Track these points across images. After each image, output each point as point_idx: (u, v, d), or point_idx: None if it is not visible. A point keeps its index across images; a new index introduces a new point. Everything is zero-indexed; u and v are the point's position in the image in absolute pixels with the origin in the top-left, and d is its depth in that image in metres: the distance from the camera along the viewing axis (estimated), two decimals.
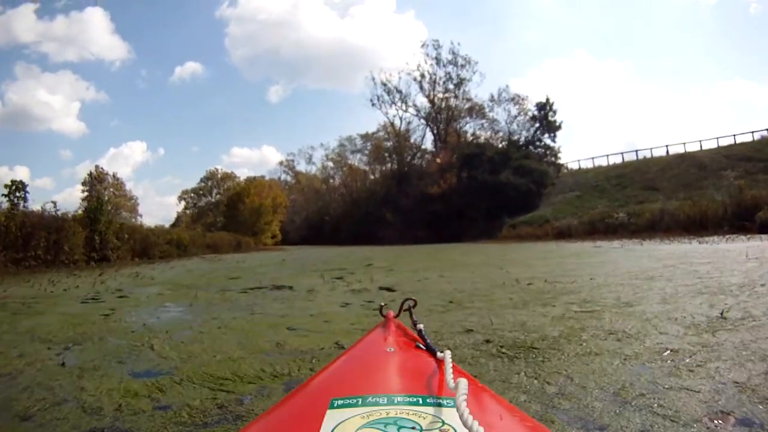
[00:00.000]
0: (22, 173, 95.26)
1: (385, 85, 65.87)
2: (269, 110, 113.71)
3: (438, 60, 62.58)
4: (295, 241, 72.00)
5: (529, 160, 52.86)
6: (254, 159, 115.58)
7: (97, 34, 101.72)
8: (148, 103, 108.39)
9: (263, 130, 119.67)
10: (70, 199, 67.60)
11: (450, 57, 61.91)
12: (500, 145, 57.29)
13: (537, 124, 60.50)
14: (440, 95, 62.81)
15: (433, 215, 52.25)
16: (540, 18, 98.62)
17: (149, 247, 25.27)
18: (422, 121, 65.15)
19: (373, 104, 67.41)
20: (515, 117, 61.55)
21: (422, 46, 65.04)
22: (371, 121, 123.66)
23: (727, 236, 20.70)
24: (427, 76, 63.15)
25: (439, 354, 1.11)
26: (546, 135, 60.22)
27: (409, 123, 66.40)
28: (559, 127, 60.78)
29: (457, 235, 47.23)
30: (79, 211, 22.29)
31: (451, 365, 0.99)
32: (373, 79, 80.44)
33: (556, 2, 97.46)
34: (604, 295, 5.63)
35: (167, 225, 54.84)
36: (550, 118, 60.29)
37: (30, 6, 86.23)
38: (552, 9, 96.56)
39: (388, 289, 7.30)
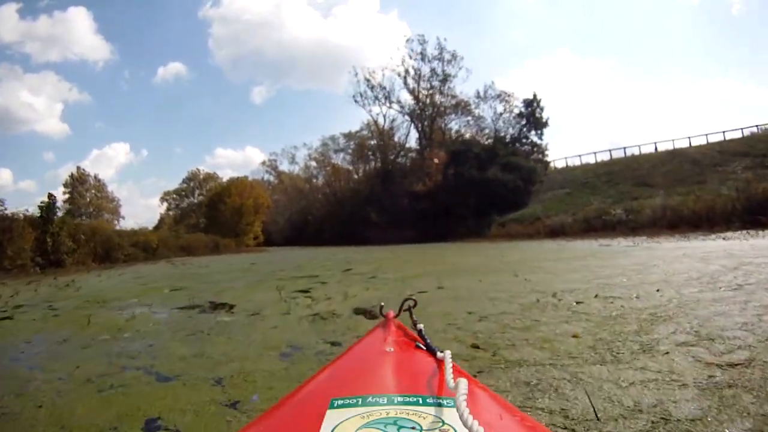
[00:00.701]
0: (4, 176, 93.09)
1: (368, 81, 63.00)
2: (253, 111, 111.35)
3: (423, 55, 60.01)
4: (278, 242, 69.84)
5: (516, 156, 50.80)
6: (238, 160, 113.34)
7: (81, 34, 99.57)
8: (132, 104, 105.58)
9: (247, 131, 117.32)
10: (58, 201, 56.84)
11: (436, 52, 59.42)
12: (486, 142, 55.21)
13: (524, 121, 58.25)
14: (425, 91, 60.46)
15: (420, 214, 49.98)
16: (523, 17, 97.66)
17: (113, 249, 22.59)
18: (406, 118, 62.72)
19: (356, 101, 64.35)
20: (501, 114, 59.32)
21: (407, 41, 61.71)
22: (356, 121, 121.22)
23: (746, 231, 18.55)
24: (412, 72, 60.56)
25: (439, 354, 1.09)
26: (533, 132, 58.04)
27: (393, 120, 64.00)
28: (546, 124, 58.50)
29: (444, 234, 44.97)
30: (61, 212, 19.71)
31: (451, 365, 0.98)
32: (356, 74, 77.88)
33: (539, 2, 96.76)
34: (722, 324, 3.53)
35: (151, 227, 53.15)
36: (537, 114, 57.96)
37: (13, 6, 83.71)
38: (534, 8, 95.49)
39: (367, 313, 5.15)
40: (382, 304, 1.77)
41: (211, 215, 60.74)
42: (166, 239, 31.36)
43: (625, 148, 51.38)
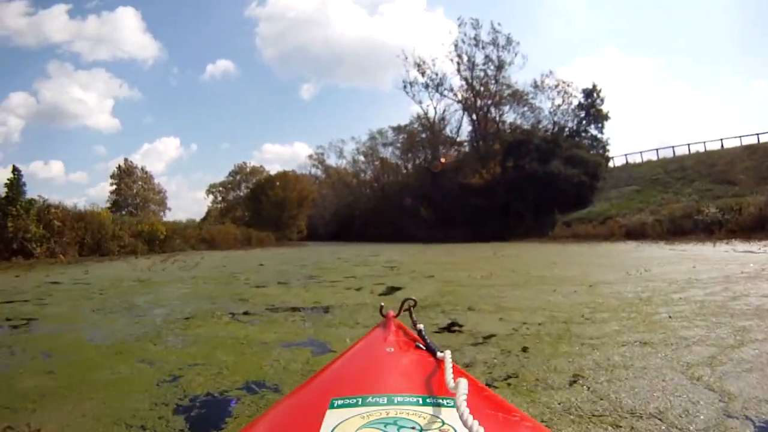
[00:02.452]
0: (56, 168, 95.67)
1: (419, 66, 57.28)
2: (301, 107, 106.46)
3: (477, 40, 54.03)
4: (323, 236, 66.96)
5: (580, 149, 44.98)
6: (286, 155, 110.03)
7: (129, 33, 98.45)
8: (181, 100, 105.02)
9: (295, 127, 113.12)
10: (103, 193, 63.55)
11: (490, 38, 53.51)
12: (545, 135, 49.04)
13: (582, 113, 52.33)
14: (479, 80, 54.62)
15: (473, 210, 44.55)
16: (570, 15, 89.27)
17: (105, 240, 19.36)
18: (458, 108, 57.24)
19: (405, 90, 59.12)
20: (559, 106, 53.37)
21: (460, 25, 55.51)
22: (404, 116, 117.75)
23: None
24: (465, 58, 54.67)
25: (439, 354, 1.09)
26: (592, 126, 52.04)
27: (444, 111, 58.48)
28: (606, 117, 52.44)
29: (499, 234, 39.64)
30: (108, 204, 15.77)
31: (451, 365, 0.97)
32: (406, 58, 71.43)
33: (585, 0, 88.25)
34: None
35: (198, 219, 53.23)
36: (597, 106, 52.08)
37: (63, 6, 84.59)
38: (581, 6, 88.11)
39: None
40: (382, 304, 1.72)
41: (253, 208, 57.24)
42: (181, 230, 27.34)
43: (689, 144, 45.12)
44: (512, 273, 8.91)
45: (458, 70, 55.26)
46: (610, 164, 49.24)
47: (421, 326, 1.36)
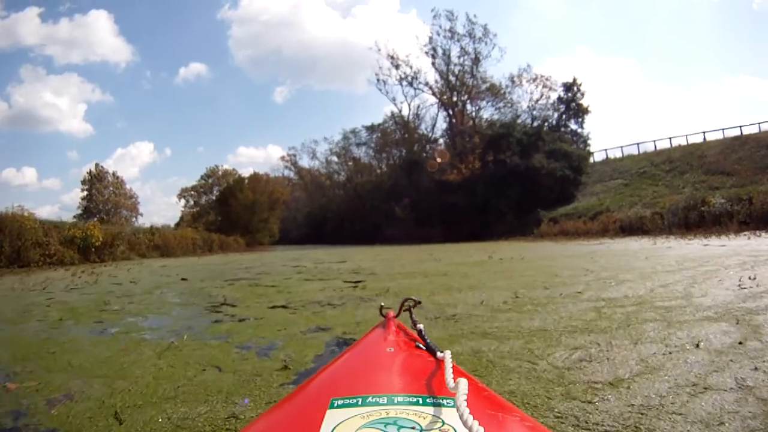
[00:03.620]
0: (29, 174, 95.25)
1: (392, 58, 53.73)
2: (275, 110, 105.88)
3: (452, 32, 50.47)
4: (296, 239, 64.26)
5: (563, 143, 41.59)
6: (260, 158, 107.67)
7: (102, 36, 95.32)
8: (154, 104, 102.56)
9: (269, 130, 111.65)
10: (77, 199, 60.24)
11: (466, 30, 50.13)
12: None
13: (563, 107, 49.36)
14: (455, 73, 51.02)
15: (451, 209, 41.06)
16: (542, 16, 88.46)
17: (26, 248, 16.30)
18: (433, 105, 53.79)
19: (378, 82, 55.20)
20: (537, 100, 50.27)
21: (434, 16, 51.98)
22: (377, 119, 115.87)
23: None
24: (440, 51, 51.13)
25: (439, 354, 1.06)
26: (572, 120, 49.14)
27: (418, 108, 54.82)
28: (587, 111, 49.80)
29: (477, 232, 36.69)
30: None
31: (451, 365, 0.95)
32: (379, 50, 67.96)
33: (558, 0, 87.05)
34: None
35: (173, 225, 50.10)
36: (577, 100, 49.32)
37: (35, 9, 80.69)
38: (553, 6, 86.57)
39: None
40: (382, 304, 1.70)
41: (222, 211, 53.40)
42: (129, 235, 23.34)
43: (671, 138, 43.08)
44: (558, 295, 5.02)
45: (433, 64, 51.93)
46: (590, 159, 46.25)
47: (421, 326, 1.29)
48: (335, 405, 0.78)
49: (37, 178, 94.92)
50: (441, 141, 53.76)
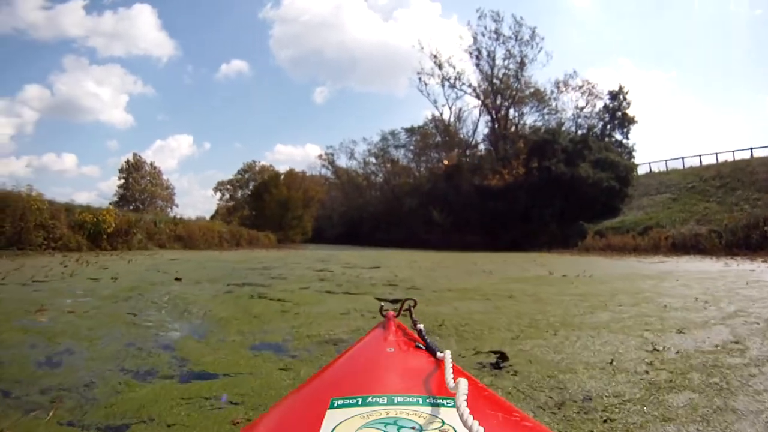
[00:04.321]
0: (69, 160, 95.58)
1: (435, 57, 51.99)
2: (314, 110, 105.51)
3: (498, 34, 48.52)
4: (330, 239, 62.95)
5: (609, 152, 39.64)
6: (297, 156, 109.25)
7: (145, 30, 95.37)
8: (195, 98, 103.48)
9: (308, 129, 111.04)
10: (114, 187, 61.17)
11: (512, 32, 48.21)
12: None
13: (607, 116, 47.51)
14: (499, 78, 49.20)
15: (491, 215, 39.41)
16: (582, 26, 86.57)
17: (27, 231, 15.73)
18: (475, 108, 52.11)
19: (420, 80, 53.64)
20: (582, 108, 48.37)
21: (479, 17, 50.19)
22: (417, 122, 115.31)
23: None
24: (485, 52, 49.28)
25: (439, 354, 1.06)
26: (617, 130, 47.22)
27: (459, 111, 53.30)
28: (633, 121, 47.66)
29: (517, 242, 34.99)
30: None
31: (451, 365, 0.95)
32: (422, 48, 67.26)
33: (598, 10, 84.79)
34: None
35: (208, 217, 51.23)
36: (623, 109, 47.24)
37: (79, 2, 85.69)
38: (595, 17, 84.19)
39: None
40: (382, 304, 1.69)
41: (256, 206, 52.82)
42: (147, 224, 22.45)
43: (717, 153, 40.63)
44: (718, 349, 3.71)
45: (477, 65, 50.14)
46: (636, 172, 43.96)
47: (420, 326, 1.30)
48: (335, 405, 0.77)
49: (77, 165, 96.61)
50: (482, 146, 52.44)
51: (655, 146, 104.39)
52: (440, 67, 51.46)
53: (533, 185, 37.53)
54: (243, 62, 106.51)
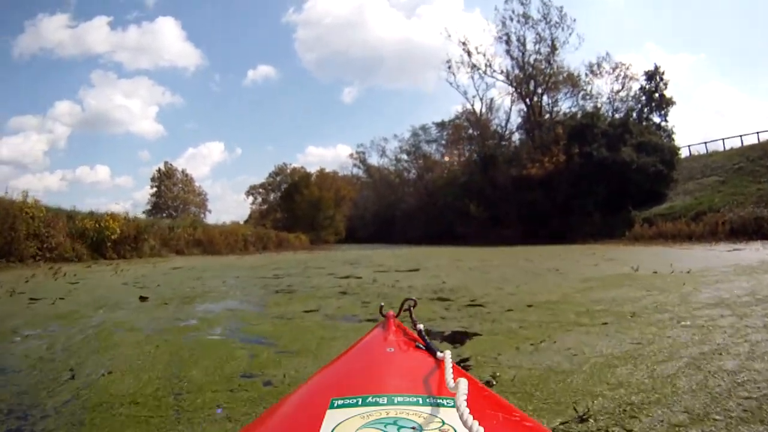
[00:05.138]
0: (102, 172, 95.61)
1: (464, 44, 49.50)
2: (343, 110, 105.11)
3: (526, 17, 46.13)
4: (363, 238, 61.70)
5: (652, 135, 37.44)
6: (329, 157, 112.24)
7: (169, 42, 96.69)
8: (224, 105, 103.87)
9: (338, 130, 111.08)
10: (148, 196, 61.29)
11: (540, 14, 45.73)
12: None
13: (644, 98, 44.97)
14: (531, 61, 46.78)
15: (529, 207, 37.55)
16: (606, 13, 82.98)
17: (17, 240, 14.68)
18: (506, 97, 49.75)
19: (449, 71, 50.73)
20: (618, 92, 45.96)
21: (506, 1, 48.05)
22: (448, 116, 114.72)
23: None
24: (514, 37, 46.91)
25: (439, 354, 1.05)
26: (655, 113, 44.47)
27: (491, 101, 51.21)
28: (671, 102, 44.71)
29: (558, 234, 33.02)
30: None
31: (451, 365, 0.94)
32: (449, 36, 65.12)
33: None
34: None
35: (242, 222, 49.74)
36: (661, 90, 44.45)
37: (104, 18, 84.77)
38: (618, 2, 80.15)
39: None
40: (382, 304, 1.66)
41: (287, 207, 52.06)
42: (160, 230, 21.33)
43: (758, 132, 37.81)
44: None
45: (507, 51, 47.64)
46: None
47: (420, 326, 1.28)
48: (335, 405, 0.77)
49: (110, 176, 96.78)
50: (516, 135, 50.30)
51: (688, 129, 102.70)
52: (469, 54, 49.25)
53: (574, 173, 35.55)
54: (269, 67, 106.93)
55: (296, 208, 50.19)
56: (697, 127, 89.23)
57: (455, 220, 44.00)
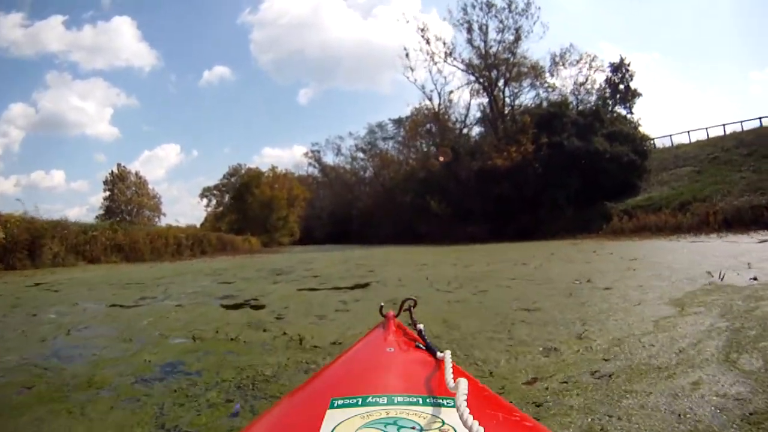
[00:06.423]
0: (57, 176, 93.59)
1: (423, 31, 45.66)
2: (300, 112, 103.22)
3: (489, 5, 42.60)
4: (320, 239, 59.06)
5: (623, 124, 34.93)
6: (285, 158, 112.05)
7: (125, 41, 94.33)
8: (180, 106, 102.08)
9: (295, 131, 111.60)
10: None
11: (505, 2, 42.25)
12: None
13: (609, 91, 42.99)
14: (493, 50, 43.39)
15: (496, 201, 34.15)
16: (561, 12, 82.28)
17: None
18: (469, 84, 45.69)
19: (407, 57, 46.26)
20: (582, 84, 43.58)
21: None
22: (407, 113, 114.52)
23: None
24: (476, 25, 43.30)
25: (439, 354, 1.04)
26: (620, 105, 42.64)
27: (450, 94, 47.63)
28: (637, 94, 43.25)
29: (528, 230, 30.21)
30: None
31: (451, 365, 0.92)
32: (407, 22, 63.60)
33: None
34: None
35: (198, 225, 48.07)
36: (626, 81, 42.87)
37: (59, 17, 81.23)
38: (573, 2, 78.30)
39: None
40: (382, 304, 1.58)
41: (239, 209, 48.30)
42: (67, 233, 16.73)
43: (724, 125, 36.61)
44: None
45: (469, 40, 44.23)
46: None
47: (420, 326, 1.26)
48: (335, 405, 0.75)
49: (65, 180, 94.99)
50: (476, 128, 47.04)
51: (646, 124, 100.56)
52: (428, 42, 45.46)
53: (543, 164, 32.52)
54: (225, 68, 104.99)
55: (248, 209, 46.69)
56: (654, 121, 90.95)
57: (416, 218, 40.65)
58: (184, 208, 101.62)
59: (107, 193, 56.46)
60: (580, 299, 4.83)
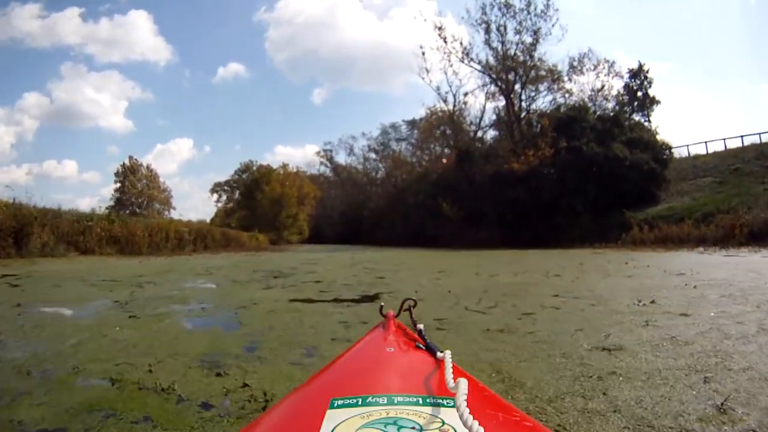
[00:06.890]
0: (70, 167, 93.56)
1: (439, 29, 44.82)
2: (313, 111, 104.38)
3: (507, 5, 41.61)
4: (329, 239, 59.50)
5: (643, 131, 34.04)
6: (297, 157, 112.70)
7: (141, 36, 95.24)
8: (194, 102, 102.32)
9: (307, 130, 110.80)
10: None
11: (523, 3, 41.30)
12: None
13: (626, 98, 42.66)
14: (509, 54, 42.44)
15: (511, 206, 33.17)
16: (576, 21, 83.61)
17: None
18: (485, 86, 44.98)
19: (422, 56, 45.73)
20: (599, 90, 42.89)
21: None
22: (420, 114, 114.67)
23: None
24: (494, 26, 42.30)
25: (439, 354, 1.03)
26: (637, 113, 41.98)
27: (465, 95, 46.72)
28: (656, 101, 42.78)
29: (542, 238, 29.29)
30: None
31: (451, 365, 0.92)
32: (425, 20, 62.29)
33: (591, 4, 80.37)
34: None
35: (209, 220, 49.15)
36: (645, 89, 42.48)
37: (75, 10, 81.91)
38: (587, 11, 78.37)
39: None
40: (382, 304, 1.56)
41: (248, 205, 47.78)
42: (61, 221, 15.95)
43: (742, 137, 35.82)
44: None
45: (486, 41, 43.25)
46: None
47: (421, 326, 1.26)
48: (335, 405, 0.75)
49: (78, 171, 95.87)
50: (491, 131, 46.14)
51: (662, 133, 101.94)
52: (445, 41, 44.61)
53: (561, 170, 31.63)
54: (240, 65, 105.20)
55: (257, 205, 46.23)
56: (668, 131, 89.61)
57: (427, 221, 40.04)
58: (196, 203, 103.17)
59: (118, 184, 56.34)
60: (669, 333, 3.45)
